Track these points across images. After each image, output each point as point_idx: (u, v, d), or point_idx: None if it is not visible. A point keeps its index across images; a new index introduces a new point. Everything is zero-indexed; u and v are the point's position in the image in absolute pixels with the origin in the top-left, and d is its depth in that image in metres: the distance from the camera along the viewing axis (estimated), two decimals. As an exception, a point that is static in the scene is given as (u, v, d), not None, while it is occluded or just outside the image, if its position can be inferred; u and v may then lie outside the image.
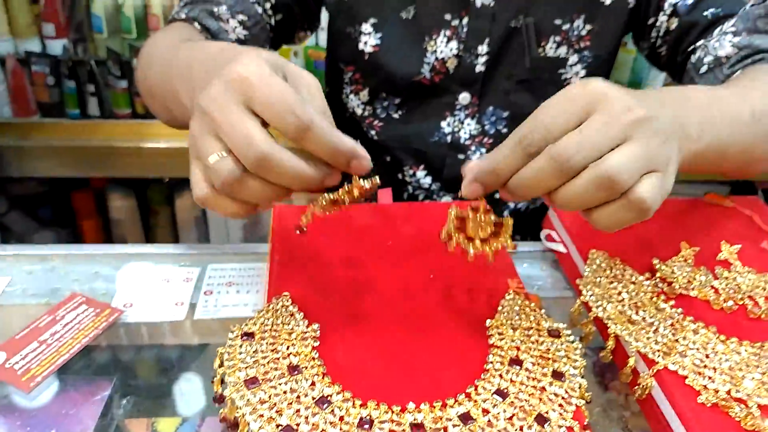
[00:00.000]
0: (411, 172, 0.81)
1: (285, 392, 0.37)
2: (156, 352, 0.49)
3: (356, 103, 0.80)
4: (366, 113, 0.80)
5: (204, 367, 0.47)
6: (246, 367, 0.39)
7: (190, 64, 0.49)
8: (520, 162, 0.38)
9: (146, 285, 0.54)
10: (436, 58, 0.74)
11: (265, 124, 0.37)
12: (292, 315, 0.44)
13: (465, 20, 0.72)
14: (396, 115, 0.79)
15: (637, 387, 0.41)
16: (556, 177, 0.37)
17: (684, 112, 0.43)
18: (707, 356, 0.41)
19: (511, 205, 0.83)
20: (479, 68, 0.74)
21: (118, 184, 1.31)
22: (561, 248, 0.56)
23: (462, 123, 0.77)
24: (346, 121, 0.84)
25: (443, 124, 0.78)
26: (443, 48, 0.74)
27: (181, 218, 1.32)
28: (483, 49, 0.73)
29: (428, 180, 0.81)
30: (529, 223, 0.85)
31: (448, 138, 0.78)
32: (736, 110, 0.49)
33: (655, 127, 0.37)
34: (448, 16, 0.73)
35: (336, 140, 0.38)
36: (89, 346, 0.47)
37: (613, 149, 0.36)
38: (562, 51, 0.73)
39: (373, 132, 0.80)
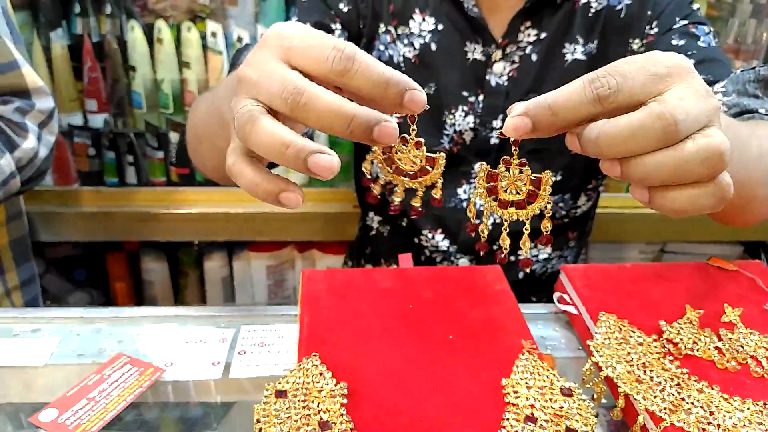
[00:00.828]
0: (430, 235, 0.85)
1: (317, 446, 0.40)
2: (195, 409, 0.52)
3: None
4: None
5: (239, 423, 0.50)
6: (280, 423, 0.42)
7: (233, 77, 0.46)
8: (585, 104, 0.35)
9: (185, 345, 0.58)
10: (455, 131, 0.80)
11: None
12: (321, 374, 0.47)
13: (481, 97, 0.78)
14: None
15: (646, 444, 0.44)
16: (656, 139, 0.33)
17: None
18: (711, 414, 0.43)
19: (527, 269, 0.86)
20: (493, 141, 0.80)
21: (151, 247, 1.37)
22: (572, 310, 0.59)
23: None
24: (363, 186, 0.89)
25: (459, 191, 0.83)
26: (461, 122, 0.79)
27: (210, 280, 1.37)
28: (497, 123, 0.79)
29: (446, 243, 0.85)
30: (542, 286, 0.88)
31: (464, 204, 0.83)
32: (746, 140, 0.49)
33: (720, 119, 0.36)
34: (465, 93, 0.79)
35: (386, 70, 0.35)
36: (132, 402, 0.51)
37: (700, 129, 0.34)
38: None
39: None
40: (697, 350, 0.50)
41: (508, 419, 0.43)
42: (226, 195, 1.23)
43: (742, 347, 0.50)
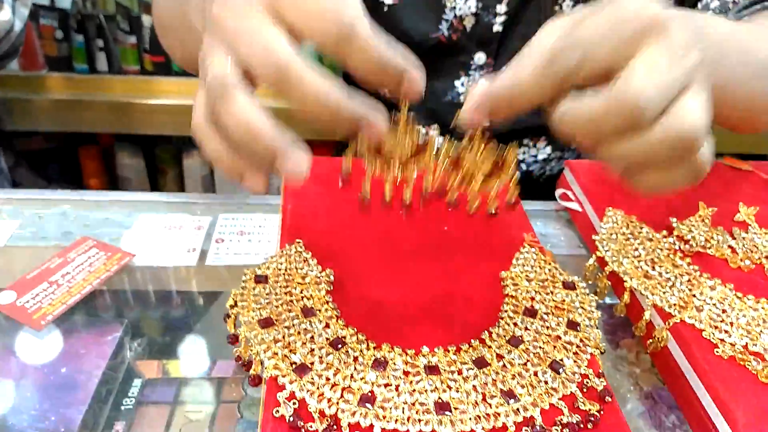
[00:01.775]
0: (424, 131, 0.80)
1: (299, 333, 0.37)
2: (167, 297, 0.48)
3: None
4: None
5: (215, 312, 0.47)
6: (259, 308, 0.38)
7: None
8: (545, 88, 0.30)
9: (157, 232, 0.53)
10: (455, 15, 0.73)
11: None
12: (305, 260, 0.43)
13: None
14: None
15: (651, 340, 0.41)
16: (619, 127, 0.29)
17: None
18: (724, 311, 0.40)
19: (523, 167, 0.82)
20: (497, 28, 0.73)
21: (126, 141, 1.30)
22: (576, 207, 0.55)
23: (476, 81, 0.76)
24: (354, 80, 0.83)
25: (457, 83, 0.77)
26: (462, 5, 0.72)
27: (189, 178, 1.32)
28: (501, 8, 0.72)
29: (440, 140, 0.80)
30: (540, 189, 0.84)
31: (462, 97, 0.77)
32: (753, 46, 0.44)
33: (707, 71, 0.31)
34: None
35: (386, 49, 0.31)
36: (100, 289, 0.47)
37: (675, 100, 0.29)
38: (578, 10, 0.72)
39: (386, 90, 0.79)
40: (710, 248, 0.47)
41: (506, 311, 0.40)
42: (205, 87, 1.15)
43: (757, 247, 0.47)
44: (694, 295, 0.41)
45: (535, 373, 0.35)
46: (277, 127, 0.30)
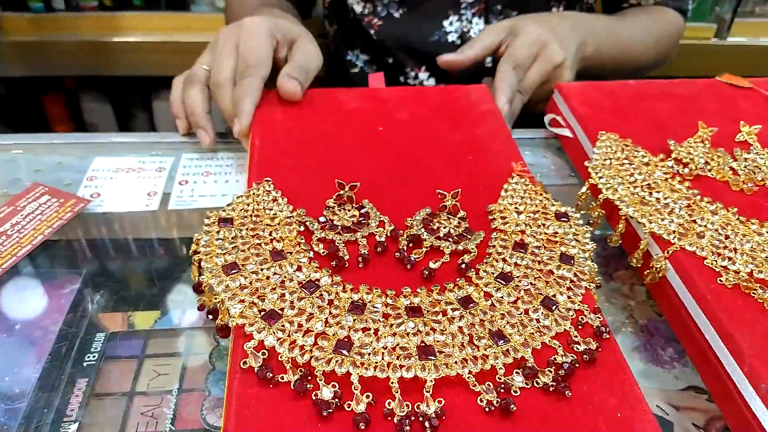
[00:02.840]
0: (413, 74, 0.75)
1: (268, 277, 0.33)
2: (129, 244, 0.45)
3: (355, 0, 0.74)
4: (366, 11, 0.74)
5: (180, 258, 0.44)
6: (224, 253, 0.35)
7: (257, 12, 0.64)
8: (479, 57, 0.60)
9: (115, 175, 0.49)
10: None
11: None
12: (275, 200, 0.40)
13: None
14: (397, 14, 0.73)
15: (648, 271, 0.38)
16: (518, 71, 0.57)
17: (588, 37, 0.63)
18: (727, 237, 0.37)
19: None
20: None
21: (91, 85, 1.23)
22: (567, 133, 0.51)
23: (470, 22, 0.72)
24: (349, 21, 0.77)
25: (445, 23, 0.72)
26: None
27: (160, 122, 1.25)
28: None
29: (432, 82, 0.76)
30: (530, 114, 0.80)
31: (450, 37, 0.73)
32: (625, 35, 0.69)
33: (559, 35, 0.59)
34: None
35: (240, 99, 0.48)
36: (56, 239, 0.43)
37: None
38: None
39: (372, 31, 0.74)
40: (710, 171, 0.43)
41: (494, 246, 0.37)
42: (171, 20, 1.07)
43: (759, 168, 0.44)
44: (695, 221, 0.38)
45: (526, 311, 0.32)
46: (205, 112, 0.51)
